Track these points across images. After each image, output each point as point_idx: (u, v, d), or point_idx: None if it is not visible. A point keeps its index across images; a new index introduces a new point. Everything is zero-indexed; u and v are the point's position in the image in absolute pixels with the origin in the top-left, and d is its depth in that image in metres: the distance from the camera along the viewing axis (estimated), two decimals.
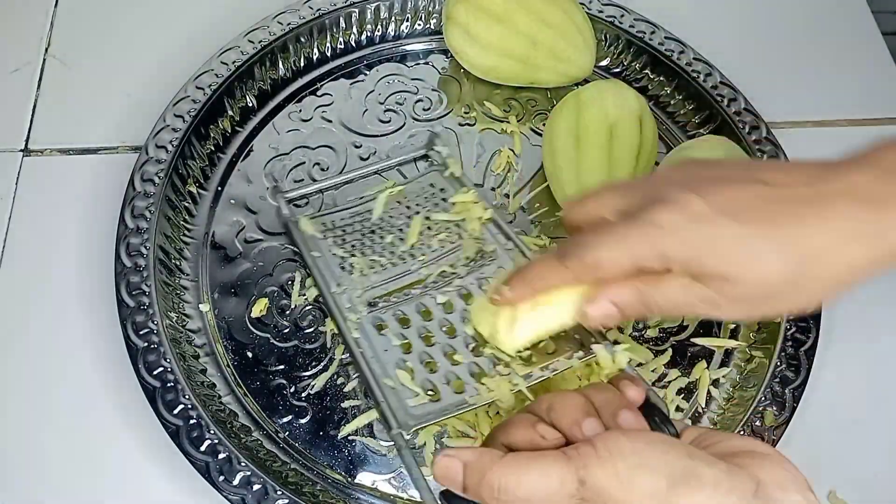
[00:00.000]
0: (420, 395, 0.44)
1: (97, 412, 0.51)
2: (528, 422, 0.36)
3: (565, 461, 0.33)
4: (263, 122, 0.62)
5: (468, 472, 0.34)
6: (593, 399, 0.37)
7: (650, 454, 0.32)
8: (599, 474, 0.32)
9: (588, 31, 0.62)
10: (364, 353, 0.46)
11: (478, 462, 0.34)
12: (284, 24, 0.63)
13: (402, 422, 0.42)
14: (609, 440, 0.33)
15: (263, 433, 0.50)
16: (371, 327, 0.48)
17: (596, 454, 0.32)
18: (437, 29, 0.66)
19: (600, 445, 0.33)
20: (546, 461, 0.33)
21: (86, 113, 0.63)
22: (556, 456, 0.33)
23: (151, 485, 0.49)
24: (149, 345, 0.50)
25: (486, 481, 0.33)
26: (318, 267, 0.51)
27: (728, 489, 0.31)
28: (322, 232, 0.54)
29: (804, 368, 0.52)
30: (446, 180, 0.57)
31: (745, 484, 0.31)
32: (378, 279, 0.51)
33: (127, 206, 0.54)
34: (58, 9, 0.68)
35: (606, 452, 0.32)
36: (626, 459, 0.32)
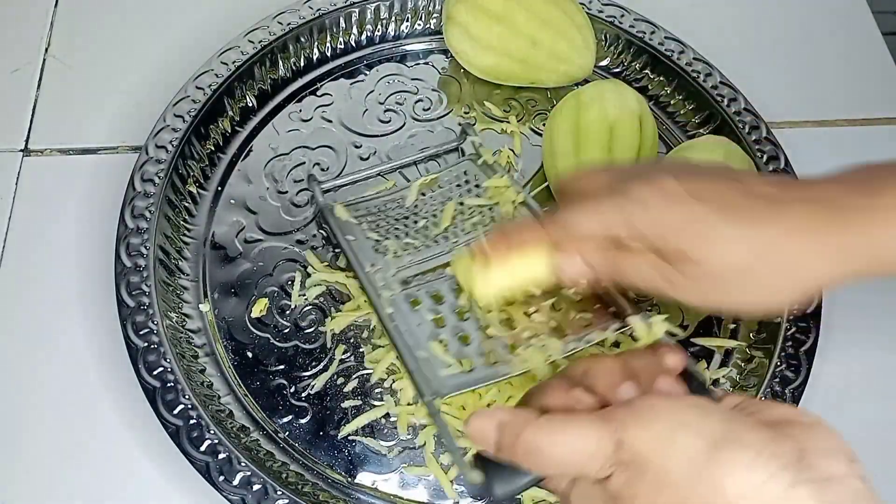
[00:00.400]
0: (453, 366, 0.44)
1: (97, 412, 0.51)
2: (563, 386, 0.36)
3: (602, 422, 0.32)
4: (263, 122, 0.62)
5: (502, 431, 0.34)
6: (631, 364, 0.36)
7: (690, 416, 0.32)
8: (638, 435, 0.31)
9: (588, 31, 0.62)
10: (398, 327, 0.46)
11: (512, 422, 0.33)
12: (284, 24, 0.63)
13: (435, 389, 0.42)
14: (648, 401, 0.32)
15: (263, 433, 0.50)
16: (405, 303, 0.48)
17: (634, 414, 0.32)
18: (437, 29, 0.66)
19: (639, 406, 0.32)
20: (583, 422, 0.33)
21: (86, 113, 0.63)
22: (592, 417, 0.33)
23: (151, 485, 0.49)
24: (149, 345, 0.50)
25: (520, 441, 0.33)
26: (353, 249, 0.51)
27: (771, 454, 0.30)
28: (356, 217, 0.54)
29: (804, 368, 0.52)
30: (479, 168, 0.57)
31: (789, 451, 0.31)
32: (411, 260, 0.51)
33: (127, 206, 0.54)
34: (58, 9, 0.68)
35: (646, 413, 0.32)
36: (665, 420, 0.31)
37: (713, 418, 0.32)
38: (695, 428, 0.31)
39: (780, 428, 0.32)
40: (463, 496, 0.49)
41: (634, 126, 0.56)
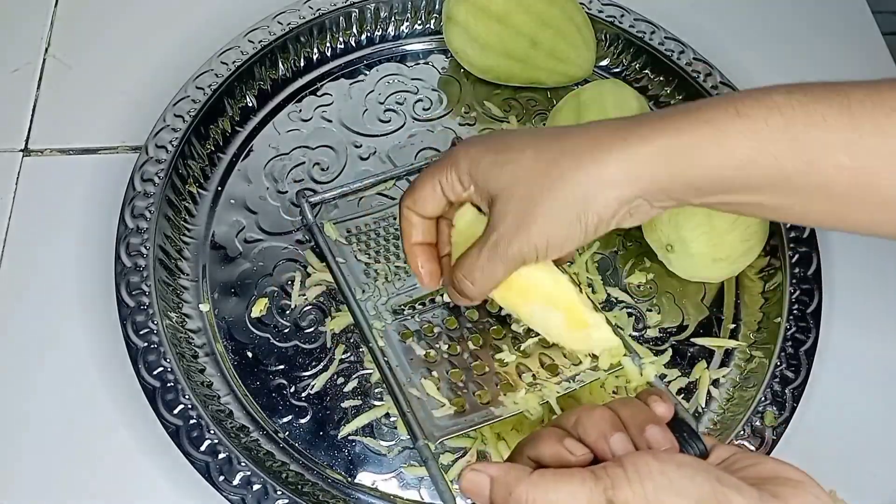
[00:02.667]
0: (446, 406, 0.44)
1: (97, 412, 0.51)
2: (555, 436, 0.36)
3: (594, 480, 0.33)
4: (263, 122, 0.62)
5: (495, 486, 0.34)
6: (620, 413, 0.36)
7: (679, 477, 0.32)
8: (628, 495, 0.32)
9: (588, 31, 0.62)
10: (389, 362, 0.46)
11: (505, 477, 0.34)
12: (284, 24, 0.63)
13: (427, 433, 0.42)
14: (638, 461, 0.33)
15: (263, 433, 0.50)
16: (396, 335, 0.48)
17: (625, 475, 0.32)
18: (437, 29, 0.66)
19: (629, 466, 0.32)
20: (574, 479, 0.33)
21: (86, 113, 0.63)
22: (584, 475, 0.33)
23: (151, 485, 0.49)
24: (149, 345, 0.50)
25: (513, 497, 0.33)
26: (343, 273, 0.50)
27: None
28: (346, 237, 0.54)
29: (804, 368, 0.52)
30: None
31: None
32: (403, 286, 0.51)
33: (127, 206, 0.54)
34: (58, 9, 0.68)
35: (635, 474, 0.32)
36: (654, 481, 0.32)
37: (701, 479, 0.32)
38: (683, 490, 0.32)
39: (769, 485, 0.33)
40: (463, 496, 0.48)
41: None
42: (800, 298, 0.54)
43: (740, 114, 0.38)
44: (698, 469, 0.32)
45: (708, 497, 0.31)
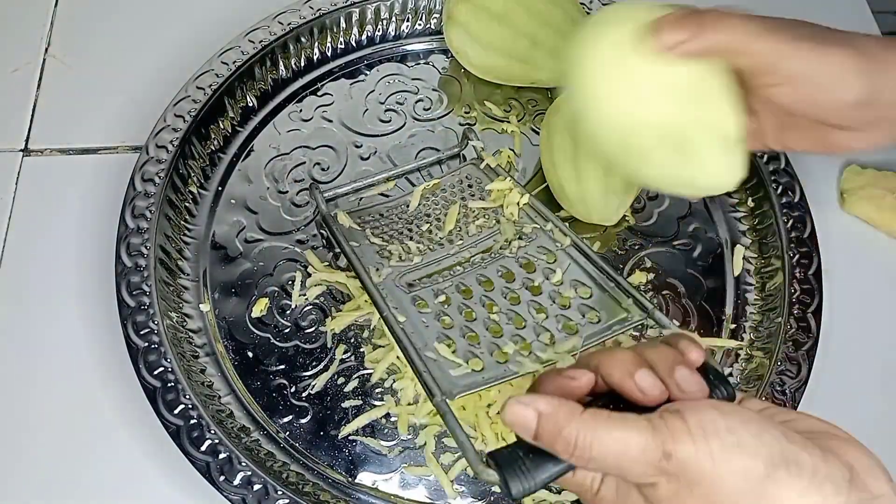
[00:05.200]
0: (463, 366, 0.44)
1: (97, 412, 0.51)
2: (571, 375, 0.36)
3: (651, 431, 0.32)
4: (264, 122, 0.62)
5: (543, 421, 0.33)
6: (647, 355, 0.36)
7: (746, 434, 0.31)
8: (691, 451, 0.31)
9: None
10: (405, 329, 0.46)
11: (555, 413, 0.33)
12: (285, 23, 0.63)
13: (445, 390, 0.42)
14: (703, 416, 0.32)
15: (264, 433, 0.50)
16: (411, 306, 0.48)
17: (688, 429, 0.31)
18: (438, 29, 0.66)
19: (692, 419, 0.32)
20: (629, 426, 0.32)
21: (86, 113, 0.63)
22: (641, 423, 0.32)
23: (151, 485, 0.49)
24: (149, 345, 0.50)
25: (564, 434, 0.33)
26: (357, 255, 0.51)
27: (825, 477, 0.30)
28: (359, 224, 0.54)
29: (804, 368, 0.52)
30: (482, 172, 0.57)
31: (839, 471, 0.31)
32: (416, 263, 0.52)
33: (127, 206, 0.54)
34: (58, 9, 0.68)
35: (700, 430, 0.31)
36: (721, 439, 0.31)
37: (769, 437, 0.31)
38: (752, 448, 0.31)
39: (821, 441, 0.32)
40: (463, 496, 0.49)
41: None
42: (800, 298, 0.54)
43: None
44: (764, 426, 0.32)
45: (777, 456, 0.31)
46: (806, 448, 0.31)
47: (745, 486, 0.30)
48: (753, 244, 0.58)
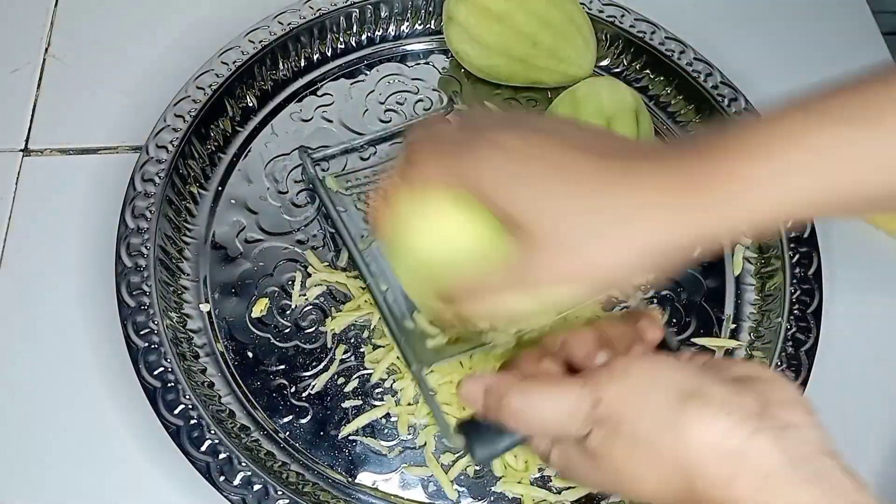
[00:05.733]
0: (438, 336, 0.44)
1: (97, 412, 0.51)
2: (534, 358, 0.38)
3: (581, 383, 0.34)
4: (264, 122, 0.62)
5: (488, 394, 0.36)
6: (607, 334, 0.38)
7: (661, 373, 0.34)
8: (613, 392, 0.34)
9: (588, 31, 0.62)
10: (386, 298, 0.47)
11: (497, 385, 0.36)
12: (285, 23, 0.63)
13: (421, 359, 0.43)
14: (623, 361, 0.35)
15: (264, 433, 0.50)
16: (393, 276, 0.48)
17: (610, 374, 0.34)
18: (438, 29, 0.66)
19: (615, 366, 0.34)
20: (562, 383, 0.35)
21: (86, 113, 0.63)
22: (571, 379, 0.35)
23: (151, 485, 0.49)
24: (149, 345, 0.50)
25: (504, 402, 0.35)
26: (343, 221, 0.53)
27: (734, 406, 0.32)
28: (347, 188, 0.56)
29: (804, 368, 0.52)
30: None
31: (751, 402, 0.33)
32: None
33: (127, 207, 0.54)
34: (58, 9, 0.68)
35: (621, 371, 0.34)
36: (638, 377, 0.34)
37: (681, 374, 0.34)
38: (664, 383, 0.33)
39: (744, 382, 0.34)
40: (463, 496, 0.49)
41: (631, 120, 0.56)
42: (800, 298, 0.54)
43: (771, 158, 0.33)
44: (679, 366, 0.34)
45: (688, 390, 0.33)
46: (718, 384, 0.33)
47: (659, 419, 0.33)
48: (753, 244, 0.58)
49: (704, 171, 0.34)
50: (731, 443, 0.32)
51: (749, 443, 0.31)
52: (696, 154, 0.34)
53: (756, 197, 0.33)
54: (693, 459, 0.32)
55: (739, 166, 0.33)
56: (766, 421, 0.32)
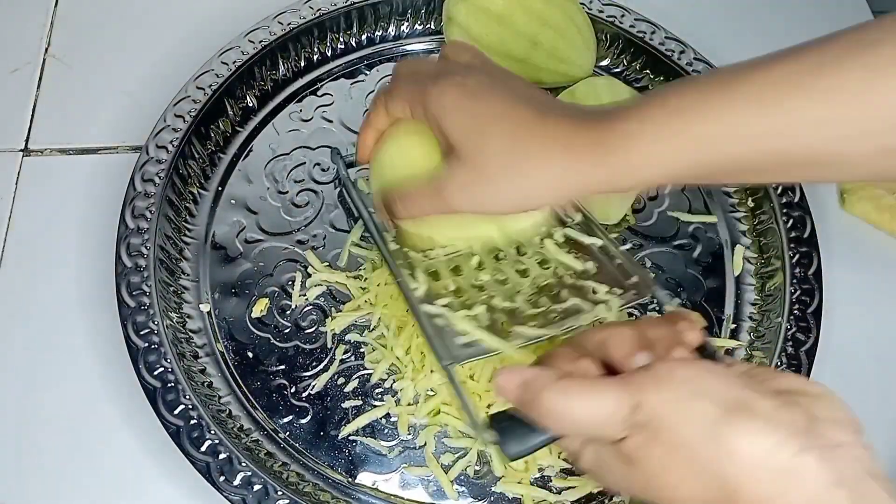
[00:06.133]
0: (469, 334, 0.44)
1: (97, 412, 0.51)
2: (573, 355, 0.38)
3: (621, 385, 0.34)
4: (264, 122, 0.62)
5: (525, 388, 0.35)
6: (647, 334, 0.37)
7: (707, 382, 0.33)
8: (655, 398, 0.33)
9: (588, 31, 0.62)
10: (417, 294, 0.46)
11: (535, 380, 0.35)
12: (285, 24, 0.63)
13: (454, 355, 0.43)
14: (667, 366, 0.34)
15: (264, 433, 0.50)
16: (423, 274, 0.48)
17: (654, 379, 0.33)
18: (437, 29, 0.66)
19: (658, 370, 0.34)
20: (602, 384, 0.34)
21: (86, 113, 0.63)
22: (612, 380, 0.34)
23: (151, 485, 0.49)
24: (149, 345, 0.50)
25: (541, 399, 0.35)
26: (374, 222, 0.52)
27: (781, 422, 0.32)
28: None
29: (804, 368, 0.52)
30: None
31: (798, 419, 0.32)
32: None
33: (127, 207, 0.54)
34: (58, 9, 0.68)
35: (665, 377, 0.33)
36: (683, 385, 0.33)
37: (727, 385, 0.33)
38: (710, 394, 0.32)
39: (790, 396, 0.33)
40: (463, 496, 0.49)
41: None
42: (800, 298, 0.54)
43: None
44: (725, 376, 0.33)
45: (733, 400, 0.32)
46: (765, 397, 0.33)
47: (703, 429, 0.32)
48: (753, 244, 0.58)
49: (605, 129, 0.39)
50: (777, 460, 0.31)
51: (795, 461, 0.31)
52: (607, 116, 0.40)
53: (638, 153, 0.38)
54: (735, 473, 0.31)
55: (628, 126, 0.38)
56: (814, 439, 0.31)
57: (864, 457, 0.32)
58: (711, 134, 0.37)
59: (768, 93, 0.36)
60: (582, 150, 0.39)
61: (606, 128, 0.39)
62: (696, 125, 0.37)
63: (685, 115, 0.37)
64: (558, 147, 0.40)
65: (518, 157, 0.40)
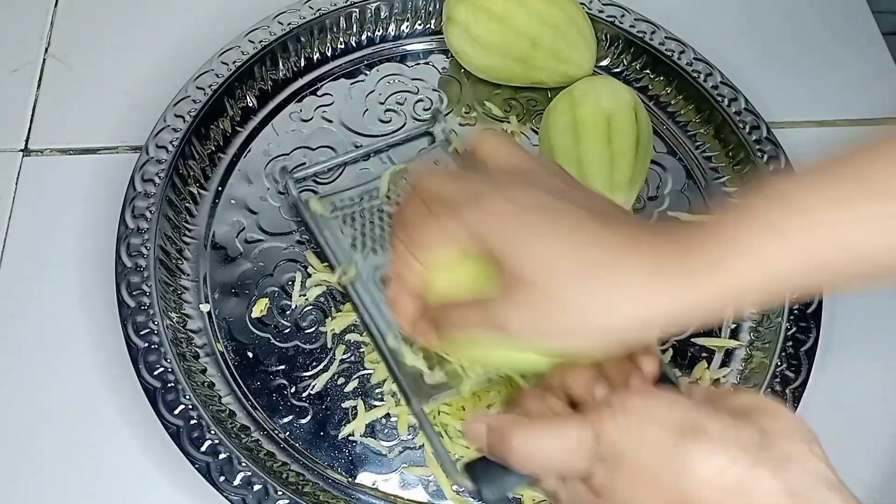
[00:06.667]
0: (434, 372, 0.44)
1: (97, 412, 0.51)
2: (538, 394, 0.38)
3: (581, 420, 0.34)
4: (264, 122, 0.62)
5: (490, 433, 0.36)
6: (606, 368, 0.38)
7: (658, 409, 0.34)
8: (612, 428, 0.33)
9: (588, 31, 0.62)
10: (382, 333, 0.46)
11: (499, 425, 0.36)
12: (285, 23, 0.63)
13: (419, 396, 0.43)
14: (622, 398, 0.34)
15: (264, 433, 0.50)
16: (385, 307, 0.48)
17: (611, 411, 0.34)
18: (437, 29, 0.66)
19: (614, 403, 0.34)
20: (563, 421, 0.35)
21: (86, 113, 0.63)
22: (573, 416, 0.35)
23: (151, 485, 0.49)
24: (149, 345, 0.50)
25: (506, 442, 0.35)
26: (330, 247, 0.52)
27: (732, 439, 0.32)
28: (331, 211, 0.55)
29: (804, 368, 0.52)
30: (450, 156, 0.58)
31: (749, 435, 0.32)
32: (387, 256, 0.51)
33: (127, 207, 0.54)
34: (58, 9, 0.68)
35: (620, 408, 0.34)
36: (637, 414, 0.33)
37: (678, 410, 0.34)
38: (662, 420, 0.33)
39: (743, 414, 0.34)
40: (463, 496, 0.49)
41: (630, 117, 0.56)
42: (800, 298, 0.54)
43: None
44: (676, 401, 0.34)
45: (686, 425, 0.33)
46: (715, 418, 0.33)
47: (659, 455, 0.32)
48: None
49: (699, 238, 0.34)
50: (731, 477, 0.31)
51: (748, 476, 0.31)
52: (695, 225, 0.34)
53: (747, 260, 0.33)
54: (694, 494, 0.32)
55: (729, 228, 0.33)
56: (766, 453, 0.32)
57: (818, 467, 0.32)
58: (828, 221, 0.32)
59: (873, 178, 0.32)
60: (677, 265, 0.33)
61: (702, 237, 0.34)
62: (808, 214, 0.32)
63: (794, 204, 0.32)
64: (648, 267, 0.33)
65: (588, 278, 0.34)
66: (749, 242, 0.33)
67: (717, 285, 0.33)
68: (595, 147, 0.55)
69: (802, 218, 0.32)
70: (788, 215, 0.33)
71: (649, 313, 0.34)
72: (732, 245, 0.33)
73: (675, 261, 0.33)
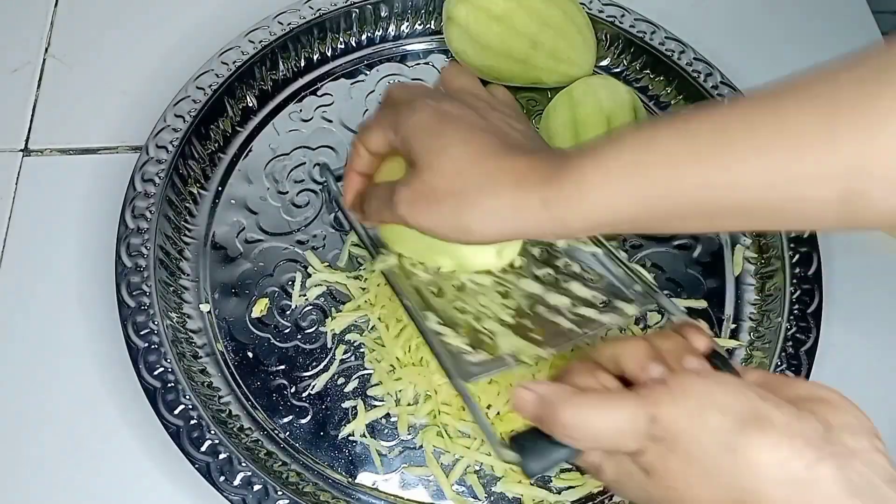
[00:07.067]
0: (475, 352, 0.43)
1: (97, 412, 0.51)
2: (590, 368, 0.38)
3: (637, 399, 0.34)
4: (264, 123, 0.62)
5: (541, 403, 0.35)
6: (657, 345, 0.37)
7: (721, 394, 0.33)
8: (672, 411, 0.33)
9: (588, 31, 0.62)
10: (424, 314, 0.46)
11: (551, 395, 0.35)
12: (285, 24, 0.63)
13: (463, 372, 0.42)
14: (682, 379, 0.34)
15: (264, 433, 0.50)
16: (428, 292, 0.48)
17: (669, 393, 0.34)
18: (437, 29, 0.66)
19: (673, 384, 0.34)
20: (619, 398, 0.35)
21: (86, 113, 0.63)
22: (628, 394, 0.35)
23: (151, 485, 0.49)
24: (149, 345, 0.50)
25: (559, 415, 0.35)
26: (370, 238, 0.51)
27: (796, 432, 0.32)
28: None
29: (804, 368, 0.52)
30: None
31: (813, 428, 0.32)
32: None
33: (127, 207, 0.54)
34: (58, 9, 0.68)
35: (680, 391, 0.33)
36: (698, 398, 0.33)
37: (743, 396, 0.33)
38: (724, 406, 0.33)
39: (805, 405, 0.33)
40: (463, 496, 0.49)
41: (630, 115, 0.56)
42: (800, 298, 0.54)
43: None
44: (740, 387, 0.34)
45: (748, 413, 0.32)
46: (780, 407, 0.33)
47: (719, 441, 0.32)
48: (753, 244, 0.58)
49: (559, 167, 0.37)
50: (793, 470, 0.31)
51: (811, 470, 0.31)
52: (565, 155, 0.37)
53: (589, 192, 0.36)
54: (752, 484, 0.31)
55: (582, 163, 0.36)
56: (829, 448, 0.32)
57: (881, 463, 0.32)
58: (667, 177, 0.34)
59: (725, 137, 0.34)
60: (532, 186, 0.37)
61: (561, 165, 0.37)
62: (651, 168, 0.35)
63: (640, 155, 0.35)
64: (509, 182, 0.37)
65: (468, 184, 0.38)
66: (593, 177, 0.36)
67: (561, 206, 0.36)
68: None
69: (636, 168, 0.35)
70: (625, 164, 0.35)
71: (503, 219, 0.38)
72: (579, 187, 0.36)
73: (535, 180, 0.37)
